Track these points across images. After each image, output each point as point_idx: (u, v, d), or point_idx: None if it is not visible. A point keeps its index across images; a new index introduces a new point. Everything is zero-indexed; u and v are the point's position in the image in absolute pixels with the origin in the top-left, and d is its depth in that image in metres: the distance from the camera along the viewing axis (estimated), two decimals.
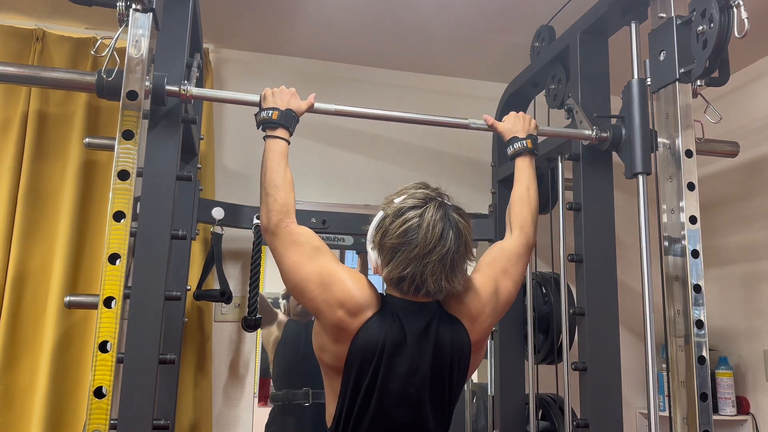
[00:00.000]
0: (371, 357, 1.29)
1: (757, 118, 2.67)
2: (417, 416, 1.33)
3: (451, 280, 1.31)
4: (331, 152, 2.79)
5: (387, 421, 1.31)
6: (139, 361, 1.47)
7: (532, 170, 1.66)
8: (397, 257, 1.30)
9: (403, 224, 1.30)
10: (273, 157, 1.45)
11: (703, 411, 1.49)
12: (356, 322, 1.30)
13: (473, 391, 2.66)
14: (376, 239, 1.36)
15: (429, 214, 1.30)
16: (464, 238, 1.34)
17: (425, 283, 1.30)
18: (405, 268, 1.29)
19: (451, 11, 2.41)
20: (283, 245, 1.37)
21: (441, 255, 1.29)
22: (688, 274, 1.56)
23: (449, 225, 1.31)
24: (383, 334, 1.30)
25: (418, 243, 1.28)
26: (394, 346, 1.30)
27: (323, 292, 1.32)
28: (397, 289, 1.35)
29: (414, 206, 1.32)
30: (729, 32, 1.49)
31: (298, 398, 2.52)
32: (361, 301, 1.32)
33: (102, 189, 2.35)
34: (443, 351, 1.34)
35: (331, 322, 1.31)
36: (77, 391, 2.22)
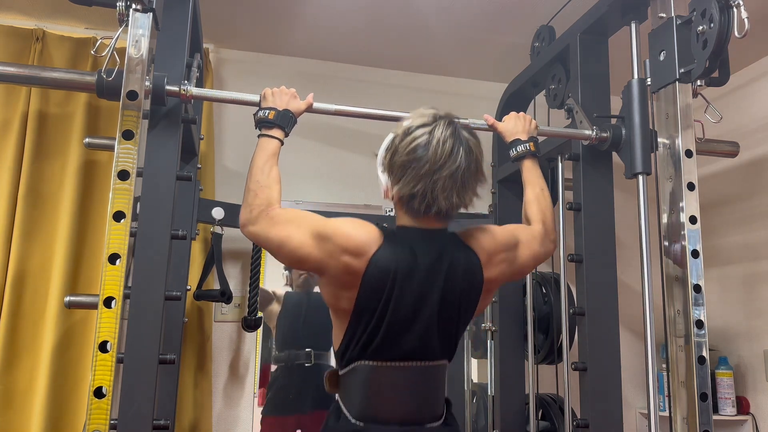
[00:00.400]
0: (383, 287, 1.28)
1: (757, 118, 2.67)
2: (424, 343, 1.33)
3: (462, 196, 1.32)
4: (331, 152, 2.79)
5: (395, 346, 1.31)
6: (139, 361, 1.47)
7: (540, 171, 1.66)
8: (407, 174, 1.30)
9: (412, 141, 1.31)
10: (261, 155, 1.44)
11: (703, 411, 1.49)
12: (363, 260, 1.28)
13: (473, 391, 2.66)
14: (386, 160, 1.36)
15: (438, 131, 1.31)
16: (475, 155, 1.35)
17: (436, 200, 1.29)
18: (416, 184, 1.29)
19: (451, 11, 2.41)
20: (264, 230, 1.35)
21: (451, 171, 1.29)
22: (688, 274, 1.56)
23: (459, 142, 1.32)
24: (394, 262, 1.29)
25: (428, 159, 1.29)
26: (405, 273, 1.29)
27: (322, 248, 1.30)
28: (408, 210, 1.35)
29: (423, 124, 1.33)
30: (729, 32, 1.49)
31: (300, 359, 2.53)
32: (363, 239, 1.30)
33: (102, 189, 2.35)
34: (456, 277, 1.33)
35: (339, 271, 1.29)
36: (77, 391, 2.22)
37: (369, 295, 1.29)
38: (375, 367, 1.31)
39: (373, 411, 1.31)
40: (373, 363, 1.31)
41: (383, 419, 1.30)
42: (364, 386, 1.32)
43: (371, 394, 1.31)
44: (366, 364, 1.31)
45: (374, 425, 1.30)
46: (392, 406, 1.31)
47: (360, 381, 1.32)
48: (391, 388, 1.32)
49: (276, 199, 1.39)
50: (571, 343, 2.05)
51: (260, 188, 1.38)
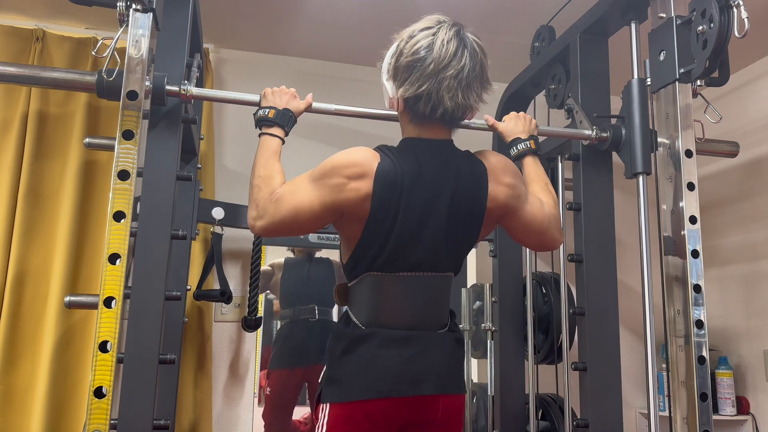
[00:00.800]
0: (390, 197, 1.29)
1: (757, 118, 2.67)
2: (432, 253, 1.34)
3: (467, 96, 1.33)
4: (332, 152, 2.76)
5: (403, 257, 1.32)
6: (139, 361, 1.47)
7: (542, 168, 1.65)
8: (412, 75, 1.32)
9: (416, 43, 1.33)
10: (264, 153, 1.44)
11: (703, 411, 1.49)
12: (368, 180, 1.29)
13: (473, 391, 2.66)
14: (391, 65, 1.37)
15: (442, 32, 1.34)
16: (479, 58, 1.36)
17: (441, 101, 1.31)
18: (421, 85, 1.31)
19: (451, 11, 2.39)
20: (272, 215, 1.32)
21: (456, 71, 1.31)
22: (688, 274, 1.56)
23: (463, 44, 1.34)
24: (399, 172, 1.30)
25: (432, 59, 1.30)
26: (411, 181, 1.30)
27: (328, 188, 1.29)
28: (413, 115, 1.36)
29: (427, 27, 1.36)
30: (729, 32, 1.49)
31: (305, 314, 2.55)
32: (360, 159, 1.30)
33: (102, 189, 2.35)
34: (462, 184, 1.34)
35: (352, 203, 1.29)
36: (77, 391, 2.22)
37: (379, 209, 1.29)
38: (384, 277, 1.34)
39: (381, 318, 1.34)
40: (382, 273, 1.34)
41: (391, 325, 1.33)
42: (372, 295, 1.35)
43: (379, 302, 1.34)
44: (374, 275, 1.34)
45: (382, 329, 1.33)
46: (400, 313, 1.35)
47: (368, 290, 1.35)
48: (399, 297, 1.35)
49: (279, 185, 1.37)
50: (571, 343, 2.06)
51: (264, 183, 1.38)
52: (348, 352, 1.33)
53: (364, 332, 1.33)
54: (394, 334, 1.33)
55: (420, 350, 1.33)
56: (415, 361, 1.32)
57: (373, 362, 1.31)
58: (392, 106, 1.41)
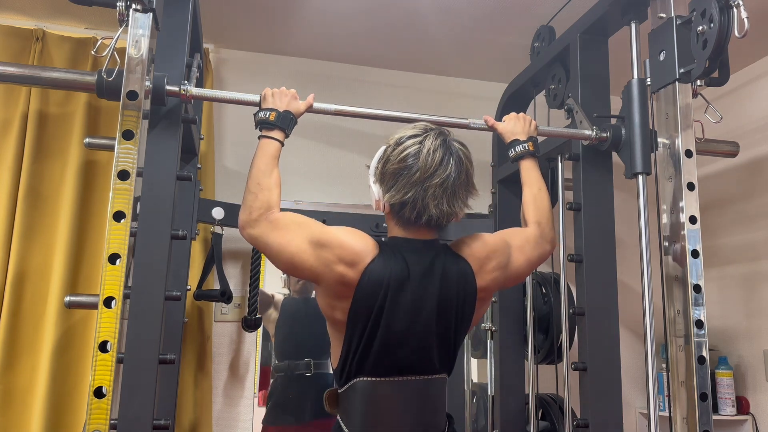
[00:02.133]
0: (376, 299, 1.29)
1: (757, 118, 2.67)
2: (422, 355, 1.33)
3: (452, 204, 1.33)
4: (331, 152, 2.79)
5: (392, 359, 1.31)
6: (139, 361, 1.47)
7: (539, 171, 1.66)
8: (399, 182, 1.33)
9: (403, 151, 1.34)
10: (262, 157, 1.44)
11: (703, 411, 1.49)
12: (357, 270, 1.29)
13: (473, 391, 2.66)
14: (378, 169, 1.38)
15: (429, 140, 1.34)
16: (465, 166, 1.37)
17: (427, 208, 1.31)
18: (407, 192, 1.32)
19: (451, 11, 2.41)
20: (263, 234, 1.36)
21: (442, 179, 1.32)
22: (688, 274, 1.56)
23: (449, 152, 1.35)
24: (387, 273, 1.30)
25: (419, 167, 1.31)
26: (398, 284, 1.30)
27: (318, 256, 1.30)
28: (399, 219, 1.37)
29: (414, 135, 1.36)
30: (729, 32, 1.49)
31: (300, 369, 2.53)
32: (358, 249, 1.31)
33: (102, 189, 2.35)
34: (449, 286, 1.34)
35: (333, 281, 1.30)
36: (77, 391, 2.22)
37: (362, 306, 1.29)
38: (373, 383, 1.31)
39: (374, 427, 1.30)
40: (372, 379, 1.31)
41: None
42: (363, 403, 1.31)
43: (371, 410, 1.31)
44: (364, 381, 1.31)
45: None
46: (393, 422, 1.31)
47: (359, 398, 1.31)
48: (391, 404, 1.31)
49: (276, 202, 1.40)
50: (571, 343, 2.05)
51: (260, 190, 1.39)
52: None
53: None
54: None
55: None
56: None
57: None
58: (378, 208, 1.40)
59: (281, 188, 1.43)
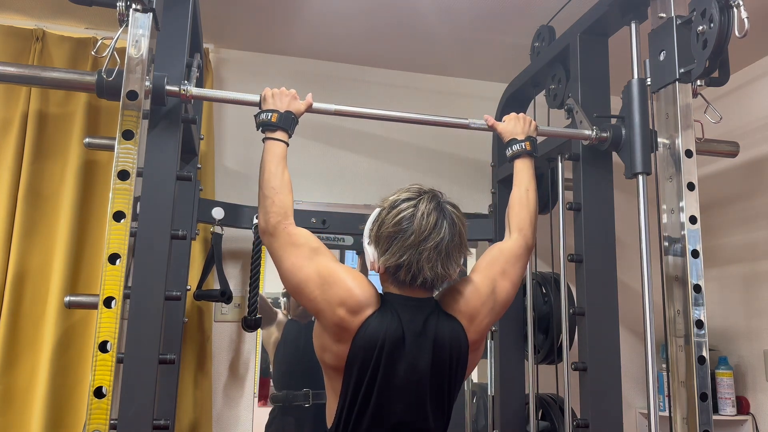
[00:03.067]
0: (371, 355, 1.30)
1: (757, 118, 2.67)
2: (417, 414, 1.33)
3: (446, 267, 1.34)
4: (331, 152, 2.79)
5: (387, 419, 1.31)
6: (139, 361, 1.47)
7: (532, 172, 1.66)
8: (393, 245, 1.34)
9: (398, 214, 1.35)
10: (272, 159, 1.45)
11: (703, 411, 1.49)
12: (357, 320, 1.31)
13: (473, 391, 2.66)
14: (373, 232, 1.39)
15: (423, 204, 1.36)
16: (458, 228, 1.38)
17: (422, 271, 1.32)
18: (401, 255, 1.32)
19: (451, 11, 2.41)
20: (281, 247, 1.39)
21: (436, 242, 1.33)
22: (688, 274, 1.56)
23: (443, 216, 1.36)
24: (383, 331, 1.31)
25: (413, 231, 1.32)
26: (393, 344, 1.31)
27: (323, 292, 1.33)
28: (394, 280, 1.37)
29: (408, 198, 1.38)
30: (729, 32, 1.49)
31: (299, 399, 2.53)
32: (362, 299, 1.33)
33: (102, 189, 2.35)
34: (442, 348, 1.35)
35: (332, 322, 1.32)
36: (77, 391, 2.22)
37: (358, 359, 1.30)
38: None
39: None
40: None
41: None
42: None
43: None
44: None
45: None
46: None
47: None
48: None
49: (291, 207, 1.43)
50: (571, 343, 2.06)
51: (276, 194, 1.41)
52: None
53: None
54: None
55: None
56: None
57: None
58: (373, 269, 1.41)
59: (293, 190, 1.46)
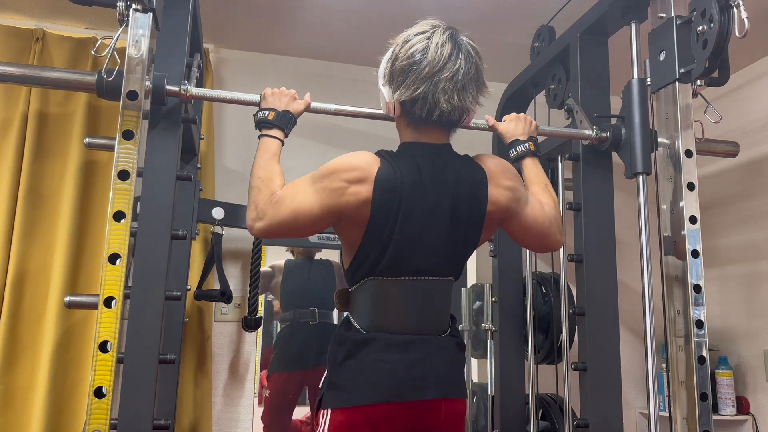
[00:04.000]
0: (391, 205, 1.30)
1: (757, 118, 2.67)
2: (433, 258, 1.35)
3: (462, 98, 1.34)
4: (331, 152, 2.79)
5: (405, 262, 1.33)
6: (139, 361, 1.47)
7: (542, 169, 1.65)
8: (408, 79, 1.33)
9: (411, 48, 1.34)
10: (263, 155, 1.44)
11: (703, 411, 1.49)
12: (368, 184, 1.30)
13: (473, 391, 2.66)
14: (387, 69, 1.39)
15: (437, 36, 1.35)
16: (474, 60, 1.37)
17: (438, 103, 1.32)
18: (417, 88, 1.32)
19: (451, 11, 2.40)
20: (272, 217, 1.33)
21: (452, 73, 1.32)
22: (688, 274, 1.56)
23: (457, 47, 1.35)
24: (399, 177, 1.31)
25: (427, 62, 1.32)
26: (411, 187, 1.31)
27: (328, 190, 1.30)
28: (410, 119, 1.37)
29: (421, 31, 1.37)
30: (729, 32, 1.49)
31: (305, 317, 2.55)
32: (361, 164, 1.31)
33: (102, 189, 2.35)
34: (463, 191, 1.35)
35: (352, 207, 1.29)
36: (77, 391, 2.22)
37: (379, 214, 1.30)
38: (384, 282, 1.34)
39: (382, 322, 1.34)
40: (383, 278, 1.34)
41: (392, 330, 1.33)
42: (373, 300, 1.35)
43: (381, 307, 1.35)
44: (376, 280, 1.34)
45: (384, 334, 1.33)
46: (401, 317, 1.35)
47: (370, 295, 1.35)
48: (400, 301, 1.35)
49: (279, 187, 1.38)
50: (571, 343, 2.06)
51: (262, 183, 1.39)
52: (349, 357, 1.32)
53: (366, 337, 1.33)
54: (396, 338, 1.33)
55: (422, 355, 1.33)
56: (417, 366, 1.32)
57: (375, 367, 1.30)
58: (389, 111, 1.42)
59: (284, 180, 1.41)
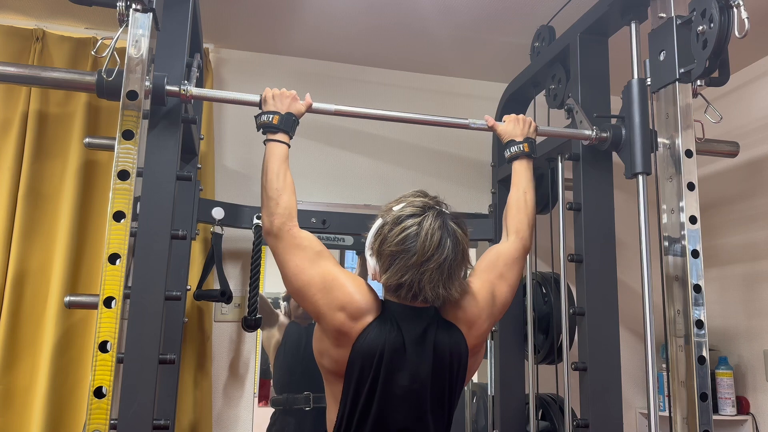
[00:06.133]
0: (371, 362, 1.30)
1: (757, 118, 2.67)
2: (417, 421, 1.33)
3: (448, 287, 1.33)
4: (332, 152, 2.79)
5: (388, 426, 1.31)
6: (139, 361, 1.47)
7: (530, 174, 1.66)
8: (395, 264, 1.32)
9: (401, 232, 1.32)
10: (274, 161, 1.45)
11: (703, 411, 1.49)
12: (357, 326, 1.31)
13: (473, 391, 2.66)
14: (375, 246, 1.37)
15: (428, 222, 1.32)
16: (462, 246, 1.36)
17: (423, 291, 1.31)
18: (403, 275, 1.31)
19: (451, 11, 2.40)
20: (285, 249, 1.38)
21: (439, 263, 1.30)
22: (688, 274, 1.56)
23: (447, 234, 1.33)
24: (383, 339, 1.31)
25: (416, 251, 1.30)
26: (393, 352, 1.31)
27: (325, 296, 1.33)
28: (395, 295, 1.36)
29: (413, 214, 1.34)
30: (729, 32, 1.49)
31: (299, 403, 2.53)
32: (362, 306, 1.33)
33: (102, 189, 2.35)
34: (442, 357, 1.34)
35: (333, 326, 1.32)
36: (77, 391, 2.22)
37: (358, 367, 1.30)
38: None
39: None
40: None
41: None
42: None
43: None
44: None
45: None
46: None
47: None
48: None
49: (295, 208, 1.42)
50: (571, 343, 2.06)
51: (279, 196, 1.41)
52: None
53: None
54: None
55: None
56: None
57: None
58: (375, 279, 1.40)
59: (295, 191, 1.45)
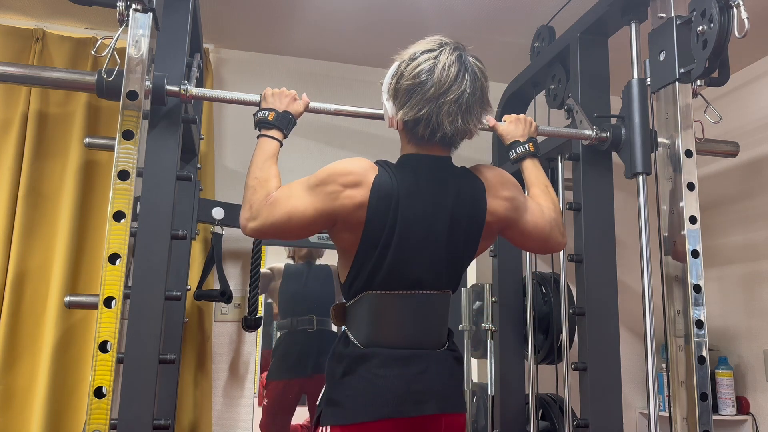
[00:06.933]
0: (387, 210, 1.29)
1: (757, 118, 2.67)
2: (432, 271, 1.34)
3: (466, 121, 1.33)
4: (332, 152, 2.79)
5: (403, 275, 1.32)
6: (139, 361, 1.47)
7: (542, 170, 1.65)
8: (413, 98, 1.32)
9: (417, 66, 1.32)
10: (261, 155, 1.44)
11: (703, 411, 1.49)
12: (364, 189, 1.29)
13: (473, 391, 2.66)
14: (391, 86, 1.37)
15: (444, 56, 1.32)
16: (480, 82, 1.36)
17: (441, 125, 1.31)
18: (421, 108, 1.31)
19: (451, 11, 2.41)
20: (266, 218, 1.32)
21: (457, 95, 1.30)
22: (688, 274, 1.56)
23: (464, 68, 1.33)
24: (396, 184, 1.30)
25: (433, 83, 1.30)
26: (407, 194, 1.31)
27: (323, 193, 1.30)
28: (412, 136, 1.37)
29: (428, 50, 1.34)
30: (729, 32, 1.49)
31: (303, 324, 2.55)
32: (358, 169, 1.31)
33: (102, 189, 2.35)
34: (462, 203, 1.35)
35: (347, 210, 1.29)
36: (77, 391, 2.22)
37: (374, 219, 1.29)
38: (382, 296, 1.33)
39: (380, 337, 1.33)
40: (380, 292, 1.33)
41: (391, 344, 1.33)
42: (370, 314, 1.34)
43: (379, 321, 1.34)
44: (373, 294, 1.33)
45: (383, 349, 1.32)
46: (399, 332, 1.34)
47: (367, 310, 1.34)
48: (398, 316, 1.34)
49: (275, 189, 1.37)
50: (571, 343, 2.05)
51: (258, 183, 1.37)
52: (348, 374, 1.31)
53: (364, 352, 1.32)
54: (395, 353, 1.32)
55: (421, 370, 1.32)
56: (417, 381, 1.31)
57: (375, 383, 1.29)
58: (392, 125, 1.40)
59: (281, 182, 1.40)
